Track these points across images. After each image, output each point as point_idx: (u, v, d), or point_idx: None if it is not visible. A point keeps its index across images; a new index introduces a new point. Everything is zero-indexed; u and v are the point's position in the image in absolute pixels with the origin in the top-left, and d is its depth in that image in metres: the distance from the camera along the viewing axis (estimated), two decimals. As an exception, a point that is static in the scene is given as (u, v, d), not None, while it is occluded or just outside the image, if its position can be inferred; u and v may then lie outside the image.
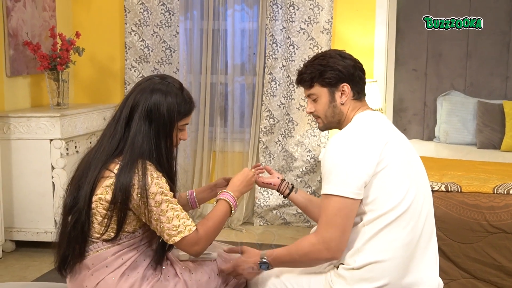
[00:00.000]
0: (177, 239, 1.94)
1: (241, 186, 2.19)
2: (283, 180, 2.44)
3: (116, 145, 1.99)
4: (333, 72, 2.09)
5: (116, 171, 1.94)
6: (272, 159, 4.74)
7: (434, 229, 2.09)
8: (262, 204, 4.75)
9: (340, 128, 2.16)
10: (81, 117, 4.22)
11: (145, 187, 1.90)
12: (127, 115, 2.00)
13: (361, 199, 1.97)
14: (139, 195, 1.90)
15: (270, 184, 2.43)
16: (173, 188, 2.01)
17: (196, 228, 1.98)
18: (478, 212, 2.96)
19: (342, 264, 2.01)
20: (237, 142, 4.90)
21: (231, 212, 2.11)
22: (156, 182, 1.92)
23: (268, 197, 4.74)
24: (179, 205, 1.97)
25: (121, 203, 1.91)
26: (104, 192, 1.94)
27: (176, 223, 1.94)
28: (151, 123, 1.98)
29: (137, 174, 1.91)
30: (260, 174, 2.45)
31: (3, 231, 3.87)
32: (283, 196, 2.45)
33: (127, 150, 1.96)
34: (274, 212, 4.77)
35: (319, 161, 4.62)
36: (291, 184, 2.46)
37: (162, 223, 1.93)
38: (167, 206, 1.93)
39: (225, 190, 2.15)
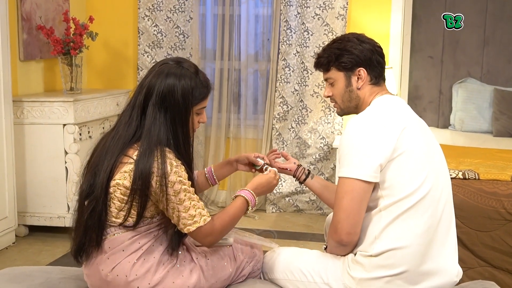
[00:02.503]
0: (192, 228, 1.93)
1: (263, 189, 2.16)
2: (299, 166, 2.42)
3: (133, 133, 1.96)
4: (350, 56, 2.06)
5: (135, 157, 1.91)
6: (285, 146, 4.71)
7: (453, 217, 2.06)
8: (275, 191, 4.73)
9: (357, 113, 2.13)
10: (95, 102, 4.20)
11: (164, 176, 1.88)
12: (142, 102, 1.97)
13: (378, 183, 1.94)
14: (158, 183, 1.88)
15: (286, 169, 2.42)
16: (191, 176, 1.98)
17: (212, 219, 1.97)
18: (496, 199, 2.92)
19: (360, 251, 1.99)
20: (250, 129, 4.88)
21: (247, 209, 2.08)
22: (176, 170, 1.90)
23: (281, 184, 4.72)
24: (196, 195, 1.96)
25: (140, 190, 1.89)
26: (122, 178, 1.91)
27: (192, 213, 1.92)
28: (166, 111, 1.95)
29: (156, 161, 1.89)
30: (276, 160, 2.43)
31: (16, 216, 3.87)
32: (299, 182, 2.43)
33: (144, 137, 1.94)
34: (287, 199, 4.75)
35: (333, 148, 4.59)
36: (307, 169, 2.44)
37: (179, 211, 1.91)
38: (185, 195, 1.91)
39: (245, 188, 2.11)
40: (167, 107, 1.95)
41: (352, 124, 2.00)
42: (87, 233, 1.96)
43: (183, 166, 1.94)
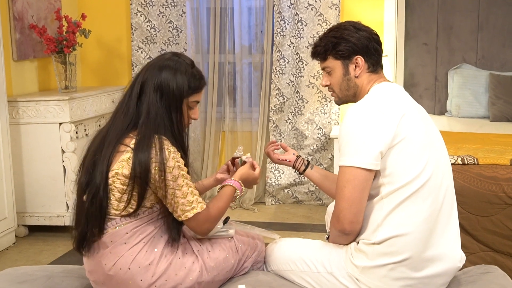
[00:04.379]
0: (190, 214, 1.94)
1: (245, 181, 2.19)
2: (298, 157, 2.42)
3: (130, 120, 1.98)
4: (347, 45, 2.05)
5: (132, 146, 1.93)
6: (283, 137, 4.70)
7: (454, 202, 2.06)
8: (273, 183, 4.73)
9: (355, 102, 2.12)
10: (90, 100, 4.18)
11: (163, 161, 1.90)
12: (138, 91, 2.00)
13: (379, 171, 1.93)
14: (156, 168, 1.90)
15: (286, 160, 2.41)
16: (187, 163, 2.00)
17: (207, 206, 1.99)
18: (495, 184, 2.92)
19: (362, 239, 1.98)
20: (246, 122, 4.87)
21: (235, 196, 2.13)
22: (173, 156, 1.92)
23: (280, 176, 4.71)
24: (192, 182, 1.97)
25: (140, 178, 1.90)
26: (120, 167, 1.92)
27: (190, 199, 1.94)
28: (162, 96, 1.98)
29: (154, 148, 1.90)
30: (275, 151, 2.42)
31: (15, 216, 3.86)
32: (299, 173, 2.42)
33: (142, 123, 1.96)
34: (286, 191, 4.75)
35: (330, 138, 4.59)
36: (307, 160, 2.43)
37: (177, 197, 1.93)
38: (183, 181, 1.93)
39: (231, 178, 2.17)
40: (163, 93, 1.97)
41: (351, 113, 1.99)
42: (88, 221, 1.95)
43: (179, 153, 1.95)
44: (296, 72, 4.64)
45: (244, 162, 2.28)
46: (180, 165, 1.93)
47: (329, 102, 4.61)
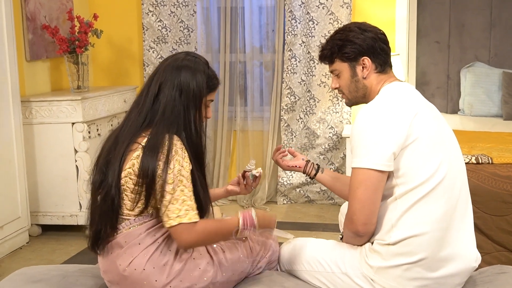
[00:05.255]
0: (174, 223, 1.87)
1: (264, 222, 2.04)
2: (308, 161, 2.41)
3: (144, 118, 1.98)
4: (352, 46, 2.06)
5: (143, 144, 1.92)
6: (294, 137, 4.70)
7: (469, 202, 2.05)
8: (285, 183, 4.72)
9: (366, 103, 2.12)
10: (102, 100, 4.20)
11: (167, 162, 1.87)
12: (156, 91, 1.99)
13: (392, 172, 1.92)
14: (160, 168, 1.87)
15: (296, 166, 2.40)
16: (203, 163, 1.99)
17: (196, 222, 1.90)
18: (510, 183, 2.90)
19: (377, 240, 1.98)
20: (257, 121, 4.87)
21: (237, 231, 1.98)
22: (178, 159, 1.89)
23: (291, 175, 4.71)
24: (191, 193, 1.91)
25: (147, 177, 1.88)
26: (132, 165, 1.92)
27: (179, 207, 1.88)
28: (181, 95, 1.97)
29: (162, 147, 1.88)
30: (284, 158, 2.42)
31: (29, 216, 3.88)
32: (310, 178, 2.41)
33: (157, 121, 1.95)
34: (298, 190, 4.74)
35: (342, 138, 4.58)
36: (317, 164, 2.42)
37: (168, 201, 1.88)
38: (179, 187, 1.88)
39: (252, 210, 2.02)
40: (182, 91, 1.97)
41: (362, 114, 1.98)
42: (102, 219, 1.95)
43: (187, 157, 1.92)
44: (308, 71, 4.63)
45: (255, 177, 2.29)
46: (182, 170, 1.89)
47: (341, 101, 4.60)
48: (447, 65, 4.87)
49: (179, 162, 1.89)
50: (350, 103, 2.18)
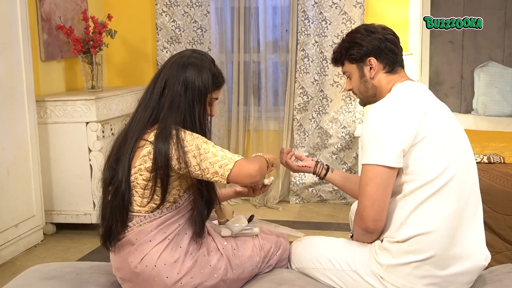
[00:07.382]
0: (231, 165, 1.92)
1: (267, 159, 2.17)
2: (317, 162, 2.44)
3: (151, 113, 2.01)
4: (358, 48, 2.11)
5: (151, 140, 1.94)
6: (307, 136, 4.70)
7: (479, 200, 2.05)
8: (298, 182, 4.73)
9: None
10: (116, 99, 4.23)
11: (181, 144, 1.91)
12: (162, 86, 2.02)
13: (401, 169, 1.93)
14: (176, 150, 1.90)
15: (305, 167, 2.44)
16: None
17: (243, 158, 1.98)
18: (522, 183, 2.89)
19: (386, 237, 1.98)
20: (271, 121, 4.88)
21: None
22: (189, 133, 1.94)
23: (304, 174, 4.71)
24: (217, 147, 1.97)
25: (162, 169, 1.91)
26: (142, 162, 1.94)
27: (222, 154, 1.94)
28: (186, 91, 2.00)
29: (172, 139, 1.92)
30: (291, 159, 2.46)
31: (43, 214, 3.93)
32: (320, 178, 2.44)
33: (163, 115, 1.98)
34: (310, 189, 4.75)
35: (355, 137, 4.58)
36: (326, 164, 2.46)
37: (209, 160, 1.91)
38: (207, 144, 1.93)
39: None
40: (188, 87, 2.00)
41: (372, 111, 2.00)
42: (113, 215, 1.98)
43: (199, 137, 1.96)
44: (320, 71, 4.64)
45: (264, 185, 2.30)
46: (198, 136, 1.94)
47: (353, 100, 4.59)
48: (461, 65, 4.85)
49: (192, 135, 1.93)
50: (362, 103, 2.23)
